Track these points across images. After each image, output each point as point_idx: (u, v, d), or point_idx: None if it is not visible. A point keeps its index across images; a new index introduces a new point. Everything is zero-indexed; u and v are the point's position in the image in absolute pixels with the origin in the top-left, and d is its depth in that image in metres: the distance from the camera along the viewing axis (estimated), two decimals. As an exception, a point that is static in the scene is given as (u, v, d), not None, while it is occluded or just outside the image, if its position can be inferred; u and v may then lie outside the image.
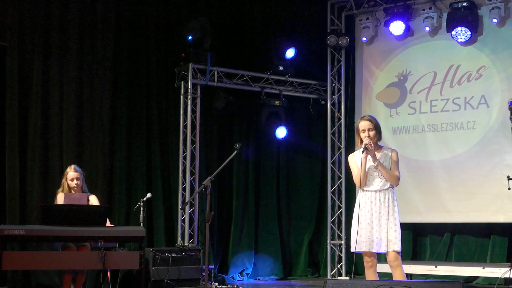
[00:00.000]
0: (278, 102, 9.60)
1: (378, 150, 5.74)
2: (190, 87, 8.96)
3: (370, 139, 5.62)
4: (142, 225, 7.47)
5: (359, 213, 5.68)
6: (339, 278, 9.23)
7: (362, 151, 5.62)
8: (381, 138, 5.79)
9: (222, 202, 9.46)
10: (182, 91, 9.04)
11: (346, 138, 9.58)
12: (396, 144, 8.64)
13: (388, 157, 5.71)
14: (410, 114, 9.10)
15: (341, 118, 9.73)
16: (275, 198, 9.86)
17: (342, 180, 9.60)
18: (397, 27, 9.01)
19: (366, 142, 5.61)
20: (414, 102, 9.07)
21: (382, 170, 5.64)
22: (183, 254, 7.92)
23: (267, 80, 9.61)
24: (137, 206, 7.65)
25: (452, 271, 7.97)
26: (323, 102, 9.92)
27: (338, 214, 9.57)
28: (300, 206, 10.01)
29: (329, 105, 9.80)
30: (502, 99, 8.28)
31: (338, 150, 9.69)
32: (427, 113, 8.95)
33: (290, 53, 9.58)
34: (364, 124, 5.71)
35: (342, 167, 9.61)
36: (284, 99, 9.68)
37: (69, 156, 8.15)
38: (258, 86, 9.56)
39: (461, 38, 8.56)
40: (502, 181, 7.56)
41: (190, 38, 8.90)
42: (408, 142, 8.98)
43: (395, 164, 5.70)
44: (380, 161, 5.65)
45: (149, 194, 7.76)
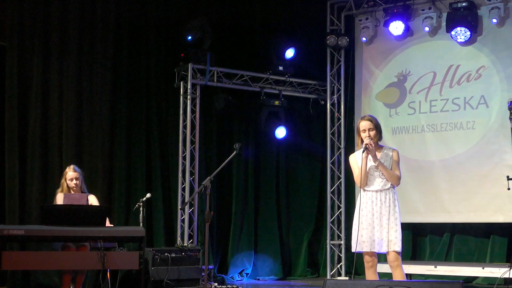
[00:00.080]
0: (277, 102, 9.59)
1: (379, 149, 5.74)
2: (189, 87, 8.96)
3: (370, 139, 5.63)
4: (141, 225, 7.47)
5: (361, 213, 5.69)
6: (339, 278, 9.23)
7: (362, 151, 5.62)
8: (381, 138, 5.80)
9: (222, 202, 9.45)
10: (181, 91, 9.04)
11: (346, 138, 9.58)
12: (395, 144, 8.61)
13: (389, 156, 5.71)
14: (409, 114, 9.10)
15: (340, 118, 9.74)
16: (275, 198, 9.86)
17: (341, 180, 9.60)
18: (396, 27, 9.00)
19: (366, 142, 5.62)
20: (414, 102, 9.06)
21: (382, 170, 5.64)
22: (183, 254, 7.91)
23: (267, 80, 9.61)
24: (136, 206, 7.65)
25: (451, 271, 7.97)
26: (323, 102, 9.92)
27: (337, 214, 9.57)
28: (299, 206, 10.00)
29: (328, 105, 9.80)
30: (502, 99, 8.28)
31: (338, 150, 9.69)
32: (427, 113, 8.94)
33: (289, 53, 9.58)
34: (364, 124, 5.71)
35: (342, 167, 9.61)
36: (283, 99, 9.68)
37: (68, 156, 8.15)
38: (257, 86, 9.56)
39: (460, 38, 8.56)
40: (501, 181, 7.54)
41: (190, 38, 8.89)
42: (407, 142, 8.98)
43: (396, 163, 5.70)
44: (380, 161, 5.66)
45: (148, 194, 7.77)
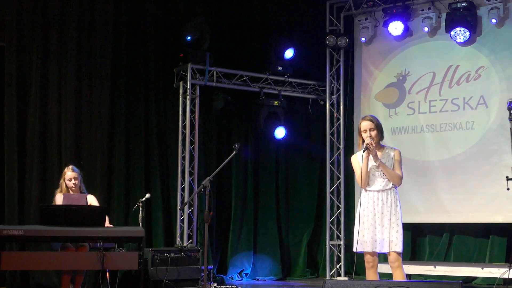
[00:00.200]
0: (277, 103, 9.59)
1: (380, 149, 5.74)
2: (189, 88, 8.96)
3: (371, 139, 5.63)
4: (141, 225, 7.48)
5: (362, 213, 5.69)
6: (338, 278, 9.23)
7: (363, 151, 5.62)
8: (383, 138, 5.80)
9: (221, 202, 9.45)
10: (181, 92, 9.03)
11: (345, 138, 9.58)
12: (395, 144, 8.52)
13: (390, 156, 5.71)
14: (409, 115, 9.10)
15: (340, 119, 9.74)
16: (274, 198, 9.86)
17: (341, 180, 9.60)
18: (396, 28, 9.00)
19: (367, 142, 5.62)
20: (413, 103, 9.06)
21: (384, 169, 5.64)
22: (182, 254, 7.91)
23: (266, 80, 9.61)
24: (136, 206, 7.66)
25: (451, 271, 7.97)
26: (322, 102, 9.92)
27: (337, 214, 9.56)
28: (299, 206, 10.00)
29: (328, 105, 9.80)
30: (501, 99, 8.28)
31: (337, 150, 9.69)
32: (426, 113, 8.94)
33: (289, 53, 9.58)
34: (365, 124, 5.71)
35: (341, 168, 9.61)
36: (283, 100, 9.67)
37: (67, 156, 8.14)
38: (257, 86, 9.55)
39: (460, 39, 8.56)
40: (501, 181, 7.54)
41: (189, 38, 8.89)
42: (407, 143, 8.97)
43: (398, 163, 5.70)
44: (382, 160, 5.65)
45: (148, 195, 7.78)
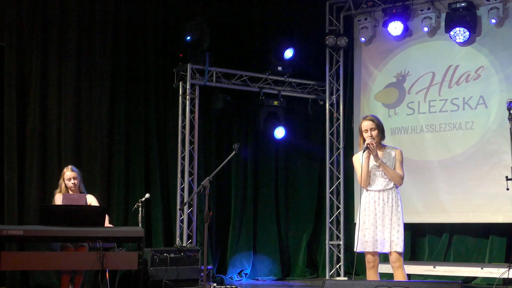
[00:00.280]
0: (276, 103, 9.59)
1: (381, 149, 5.74)
2: (188, 88, 8.95)
3: (372, 139, 5.63)
4: (140, 225, 7.48)
5: (363, 213, 5.68)
6: (338, 278, 9.23)
7: (363, 151, 5.62)
8: (384, 137, 5.80)
9: (221, 202, 9.44)
10: (180, 92, 9.03)
11: (345, 138, 9.58)
12: (394, 144, 8.52)
13: (391, 156, 5.71)
14: (408, 115, 9.10)
15: (339, 119, 9.74)
16: (274, 198, 9.85)
17: (340, 180, 9.60)
18: (395, 28, 9.00)
19: (368, 141, 5.61)
20: (413, 103, 9.06)
21: (385, 169, 5.63)
22: (182, 254, 7.91)
23: (266, 80, 9.61)
24: (135, 206, 7.66)
25: (450, 272, 7.97)
26: (322, 102, 9.92)
27: (336, 214, 9.56)
28: (298, 206, 10.00)
29: (327, 105, 9.80)
30: (501, 99, 8.27)
31: (337, 150, 9.69)
32: (426, 113, 8.95)
33: (288, 53, 9.58)
34: (366, 124, 5.71)
35: (341, 168, 9.61)
36: (282, 100, 9.67)
37: (67, 156, 8.14)
38: (256, 86, 9.55)
39: (459, 39, 8.56)
40: (500, 181, 7.54)
41: (189, 38, 8.89)
42: (406, 143, 8.96)
43: (399, 163, 5.69)
44: (383, 160, 5.65)
45: (147, 195, 7.78)
